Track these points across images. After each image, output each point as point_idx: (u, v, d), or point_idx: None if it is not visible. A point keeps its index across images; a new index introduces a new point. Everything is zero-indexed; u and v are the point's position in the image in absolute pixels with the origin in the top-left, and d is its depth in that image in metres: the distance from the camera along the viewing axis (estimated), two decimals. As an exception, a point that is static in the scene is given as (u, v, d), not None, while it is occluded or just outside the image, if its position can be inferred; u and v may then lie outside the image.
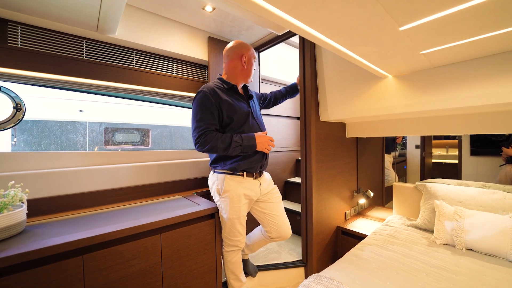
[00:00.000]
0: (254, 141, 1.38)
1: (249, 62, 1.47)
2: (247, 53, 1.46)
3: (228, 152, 1.33)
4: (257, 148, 1.39)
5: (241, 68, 1.46)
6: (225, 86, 1.43)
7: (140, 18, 1.69)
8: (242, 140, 1.35)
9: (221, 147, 1.31)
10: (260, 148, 1.40)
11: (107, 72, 1.63)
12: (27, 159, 1.43)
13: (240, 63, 1.46)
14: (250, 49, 1.48)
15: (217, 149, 1.31)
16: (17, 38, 1.37)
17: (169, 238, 1.31)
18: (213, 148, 1.31)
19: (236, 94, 1.46)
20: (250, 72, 1.50)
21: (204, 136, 1.30)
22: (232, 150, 1.33)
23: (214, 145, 1.30)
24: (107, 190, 1.64)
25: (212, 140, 1.29)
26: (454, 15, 0.74)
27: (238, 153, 1.36)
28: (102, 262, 1.09)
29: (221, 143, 1.30)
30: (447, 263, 1.27)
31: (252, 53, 1.50)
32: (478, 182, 1.72)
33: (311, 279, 1.16)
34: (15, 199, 1.11)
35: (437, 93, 1.26)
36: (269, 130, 2.25)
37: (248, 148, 1.37)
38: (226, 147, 1.31)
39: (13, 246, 0.96)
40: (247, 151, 1.37)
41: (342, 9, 0.72)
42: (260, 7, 0.72)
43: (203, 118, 1.32)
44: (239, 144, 1.33)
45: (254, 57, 1.51)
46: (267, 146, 1.42)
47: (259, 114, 1.60)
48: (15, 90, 1.54)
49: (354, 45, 0.99)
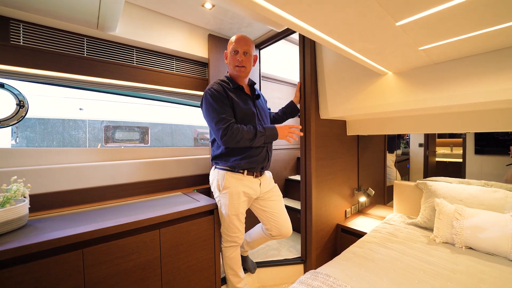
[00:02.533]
0: (275, 130, 1.41)
1: (228, 55, 1.47)
2: (227, 48, 1.48)
3: (253, 142, 1.36)
4: (279, 137, 1.42)
5: (228, 63, 1.49)
6: (231, 85, 1.44)
7: (140, 16, 1.70)
8: (265, 130, 1.38)
9: (248, 137, 1.33)
10: (283, 136, 1.42)
11: (108, 69, 1.65)
12: (29, 155, 1.45)
13: (226, 61, 1.51)
14: (231, 42, 1.44)
15: (244, 141, 1.33)
16: (19, 36, 1.39)
17: (168, 234, 1.32)
18: (241, 140, 1.32)
19: (243, 94, 1.47)
20: (231, 63, 1.45)
21: (230, 128, 1.30)
22: (257, 140, 1.36)
23: (241, 136, 1.31)
24: (108, 186, 1.66)
25: (239, 132, 1.31)
26: (450, 9, 0.73)
27: (261, 143, 1.40)
28: (102, 256, 1.11)
29: (247, 133, 1.33)
30: (446, 261, 1.27)
31: (232, 43, 1.44)
32: (480, 181, 1.70)
33: (307, 275, 1.16)
34: (18, 193, 1.14)
35: (437, 90, 1.25)
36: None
37: (271, 138, 1.41)
38: (252, 137, 1.34)
39: (15, 239, 0.98)
40: (270, 140, 1.42)
41: (336, 5, 0.71)
42: (255, 3, 0.72)
43: (223, 112, 1.33)
44: (263, 134, 1.37)
45: (233, 46, 1.43)
46: (288, 134, 1.43)
47: (265, 116, 1.58)
48: (18, 87, 1.57)
49: (351, 41, 0.98)
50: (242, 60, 1.42)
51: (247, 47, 1.43)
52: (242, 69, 1.44)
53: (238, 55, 1.42)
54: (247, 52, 1.43)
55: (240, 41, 1.42)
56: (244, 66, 1.44)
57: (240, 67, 1.43)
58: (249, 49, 1.44)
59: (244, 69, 1.45)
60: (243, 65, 1.43)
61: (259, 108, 1.53)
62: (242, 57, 1.42)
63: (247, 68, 1.46)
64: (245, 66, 1.44)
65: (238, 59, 1.42)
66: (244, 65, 1.43)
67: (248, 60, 1.45)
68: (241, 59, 1.42)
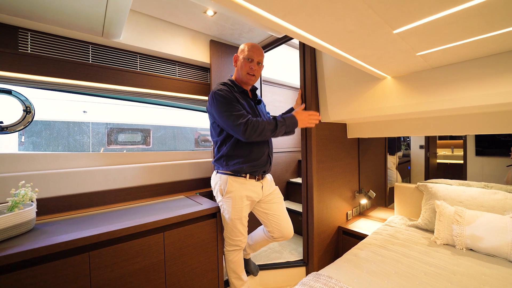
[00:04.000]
0: (295, 119, 1.42)
1: (239, 60, 1.49)
2: (238, 53, 1.51)
3: (275, 133, 1.37)
4: (299, 125, 1.43)
5: (236, 69, 1.52)
6: (236, 89, 1.47)
7: (144, 23, 1.74)
8: (284, 120, 1.39)
9: (269, 128, 1.34)
10: (303, 124, 1.44)
11: (112, 75, 1.69)
12: (36, 159, 1.49)
13: (235, 65, 1.53)
14: (246, 49, 1.46)
15: (266, 131, 1.34)
16: (27, 44, 1.43)
17: (172, 237, 1.34)
18: (263, 131, 1.33)
19: (247, 97, 1.50)
20: (243, 69, 1.46)
21: (250, 122, 1.31)
22: (279, 130, 1.37)
23: (262, 127, 1.32)
24: (113, 190, 1.69)
25: (260, 124, 1.32)
26: (445, 18, 0.76)
27: (282, 133, 1.40)
28: (108, 258, 1.13)
29: (268, 124, 1.34)
30: (447, 262, 1.28)
31: (246, 50, 1.46)
32: (480, 183, 1.71)
33: (309, 277, 1.18)
34: (26, 198, 1.17)
35: (436, 94, 1.27)
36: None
37: (292, 126, 1.41)
38: (274, 128, 1.36)
39: (23, 243, 1.01)
40: (291, 129, 1.42)
41: (334, 15, 0.74)
42: (256, 14, 0.75)
43: (238, 109, 1.34)
44: (283, 124, 1.38)
45: (249, 54, 1.45)
46: (309, 121, 1.45)
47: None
48: (25, 93, 1.61)
49: (351, 48, 1.01)
50: (255, 69, 1.47)
51: (261, 58, 1.49)
52: (253, 77, 1.49)
53: (252, 63, 1.46)
54: (260, 62, 1.49)
55: (256, 51, 1.46)
56: (255, 75, 1.49)
57: (251, 76, 1.48)
58: (262, 60, 1.51)
59: (255, 78, 1.50)
60: (254, 73, 1.48)
61: (260, 113, 1.56)
62: (255, 66, 1.47)
63: (256, 77, 1.51)
64: (255, 75, 1.49)
65: (252, 67, 1.45)
66: (255, 74, 1.48)
67: (260, 70, 1.51)
68: (255, 68, 1.47)
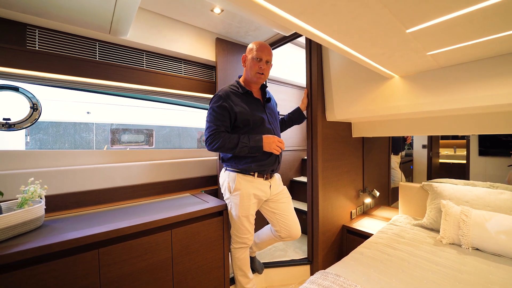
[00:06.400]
0: (261, 142, 1.40)
1: (247, 60, 1.49)
2: (247, 53, 1.51)
3: (235, 152, 1.38)
4: (264, 148, 1.40)
5: (245, 69, 1.52)
6: (240, 90, 1.47)
7: (151, 21, 1.74)
8: (249, 141, 1.38)
9: (229, 146, 1.36)
10: (268, 148, 1.41)
11: (119, 73, 1.69)
12: (44, 157, 1.49)
13: (244, 64, 1.53)
14: (254, 48, 1.46)
15: (225, 149, 1.37)
16: (35, 41, 1.43)
17: (179, 234, 1.35)
18: (221, 148, 1.37)
19: (251, 98, 1.50)
20: (252, 69, 1.46)
21: (213, 136, 1.37)
22: (239, 150, 1.37)
23: (222, 144, 1.36)
24: (119, 188, 1.69)
25: (221, 140, 1.36)
26: (460, 17, 0.76)
27: (245, 153, 1.39)
28: (117, 255, 1.14)
29: (229, 143, 1.36)
30: (453, 262, 1.28)
31: (255, 50, 1.46)
32: (486, 182, 1.71)
33: (317, 275, 1.19)
34: (35, 195, 1.17)
35: (443, 93, 1.27)
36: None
37: (255, 149, 1.39)
38: (233, 147, 1.37)
39: (33, 240, 1.01)
40: (254, 152, 1.40)
41: (351, 13, 0.74)
42: (270, 11, 0.75)
43: (214, 120, 1.39)
44: (246, 145, 1.37)
45: (258, 53, 1.45)
46: (275, 147, 1.43)
47: (274, 119, 1.60)
48: (32, 91, 1.61)
49: (362, 47, 1.01)
50: (265, 68, 1.47)
51: (270, 57, 1.50)
52: (262, 76, 1.49)
53: (261, 63, 1.46)
54: (269, 61, 1.50)
55: (265, 50, 1.47)
56: (264, 74, 1.49)
57: (261, 74, 1.48)
58: (271, 59, 1.51)
59: (264, 77, 1.50)
60: (264, 72, 1.48)
61: (270, 112, 1.56)
62: (264, 65, 1.47)
63: (266, 76, 1.52)
64: (264, 74, 1.49)
65: (261, 66, 1.46)
66: (264, 73, 1.49)
67: (268, 69, 1.52)
68: (264, 67, 1.47)
